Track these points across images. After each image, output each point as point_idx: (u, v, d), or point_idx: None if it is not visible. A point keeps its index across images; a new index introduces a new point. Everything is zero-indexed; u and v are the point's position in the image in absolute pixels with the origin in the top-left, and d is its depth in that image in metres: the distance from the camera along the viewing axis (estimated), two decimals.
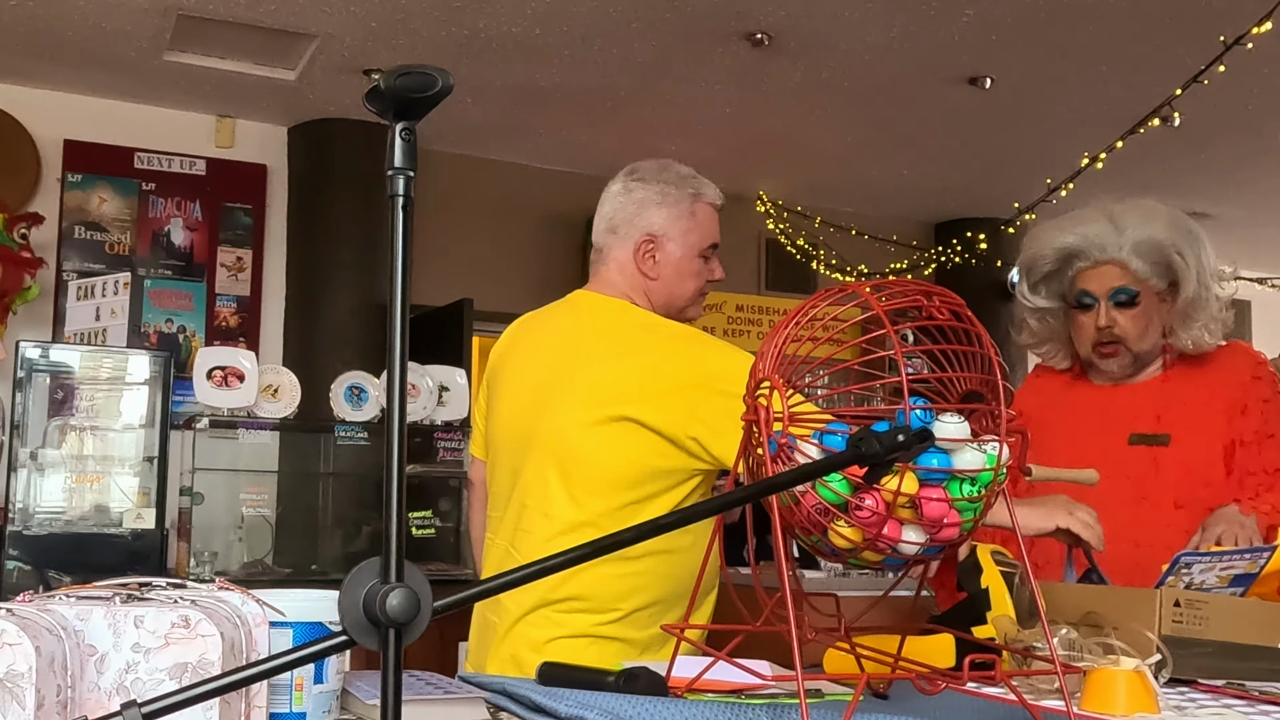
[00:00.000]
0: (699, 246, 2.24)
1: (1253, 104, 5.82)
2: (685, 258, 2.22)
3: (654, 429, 2.02)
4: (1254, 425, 2.14)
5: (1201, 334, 2.20)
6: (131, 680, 1.19)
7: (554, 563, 1.02)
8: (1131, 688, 1.32)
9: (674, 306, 2.22)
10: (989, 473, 1.27)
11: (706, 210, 2.26)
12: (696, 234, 2.23)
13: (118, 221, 6.03)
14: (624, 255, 2.25)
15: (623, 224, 2.27)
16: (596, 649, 2.03)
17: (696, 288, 2.25)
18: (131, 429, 4.53)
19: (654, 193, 2.26)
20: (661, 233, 2.22)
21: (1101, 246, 2.24)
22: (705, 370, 2.03)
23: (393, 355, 0.90)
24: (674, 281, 2.22)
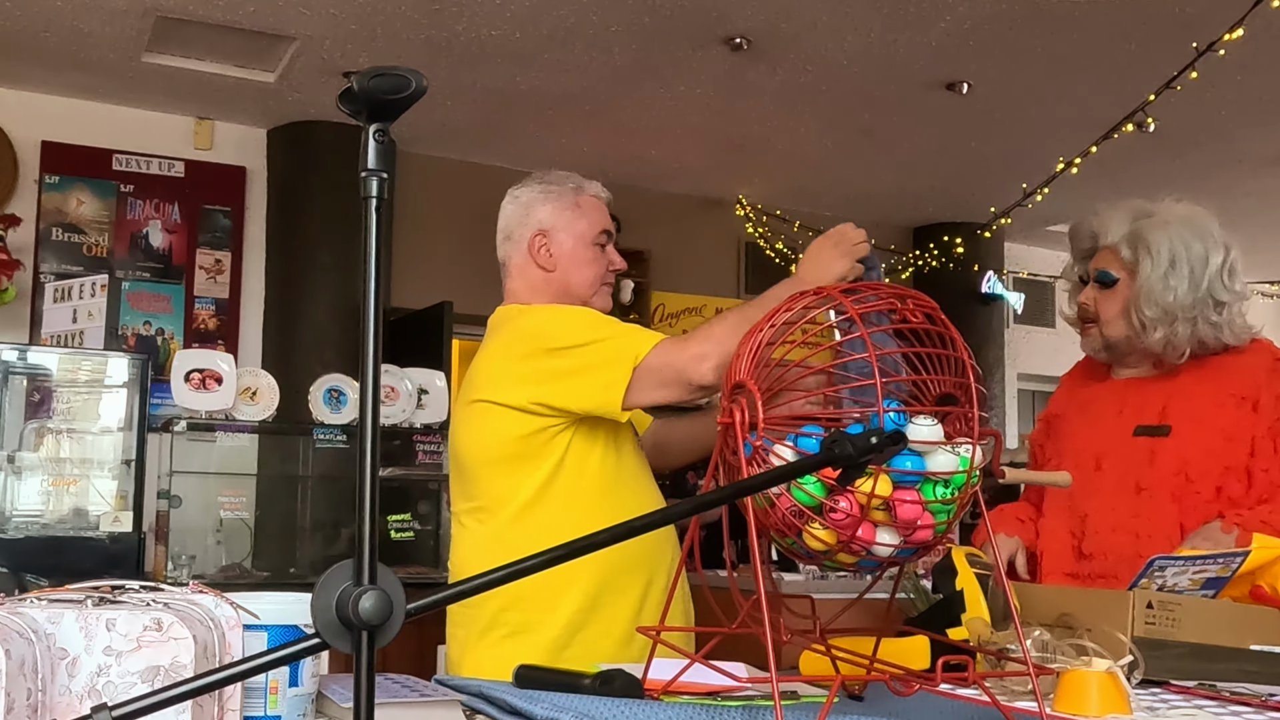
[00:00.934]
0: (589, 234, 2.32)
1: (1225, 109, 5.86)
2: (577, 246, 2.30)
3: (502, 403, 2.15)
4: (1267, 422, 2.14)
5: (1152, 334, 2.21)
6: (103, 683, 1.19)
7: (529, 564, 1.02)
8: (1104, 689, 1.33)
9: (576, 296, 2.30)
10: (962, 475, 1.27)
11: (591, 200, 2.35)
12: (584, 222, 2.32)
13: (95, 223, 6.00)
14: (520, 258, 2.35)
15: (515, 228, 2.36)
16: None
17: (595, 274, 2.31)
18: (109, 432, 4.52)
19: (537, 192, 2.37)
20: (550, 225, 2.31)
21: (1109, 231, 2.30)
22: (535, 336, 2.18)
23: (365, 356, 0.90)
24: (570, 270, 2.30)
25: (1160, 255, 2.20)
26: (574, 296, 2.30)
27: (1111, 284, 2.26)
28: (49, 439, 4.46)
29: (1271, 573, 1.77)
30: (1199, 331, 2.20)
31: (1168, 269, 2.19)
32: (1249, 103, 5.78)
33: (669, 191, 7.36)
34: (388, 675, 1.73)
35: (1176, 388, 2.23)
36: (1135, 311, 2.21)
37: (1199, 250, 2.21)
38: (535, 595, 2.11)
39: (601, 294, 2.33)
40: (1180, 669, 1.60)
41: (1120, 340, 2.27)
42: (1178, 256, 2.20)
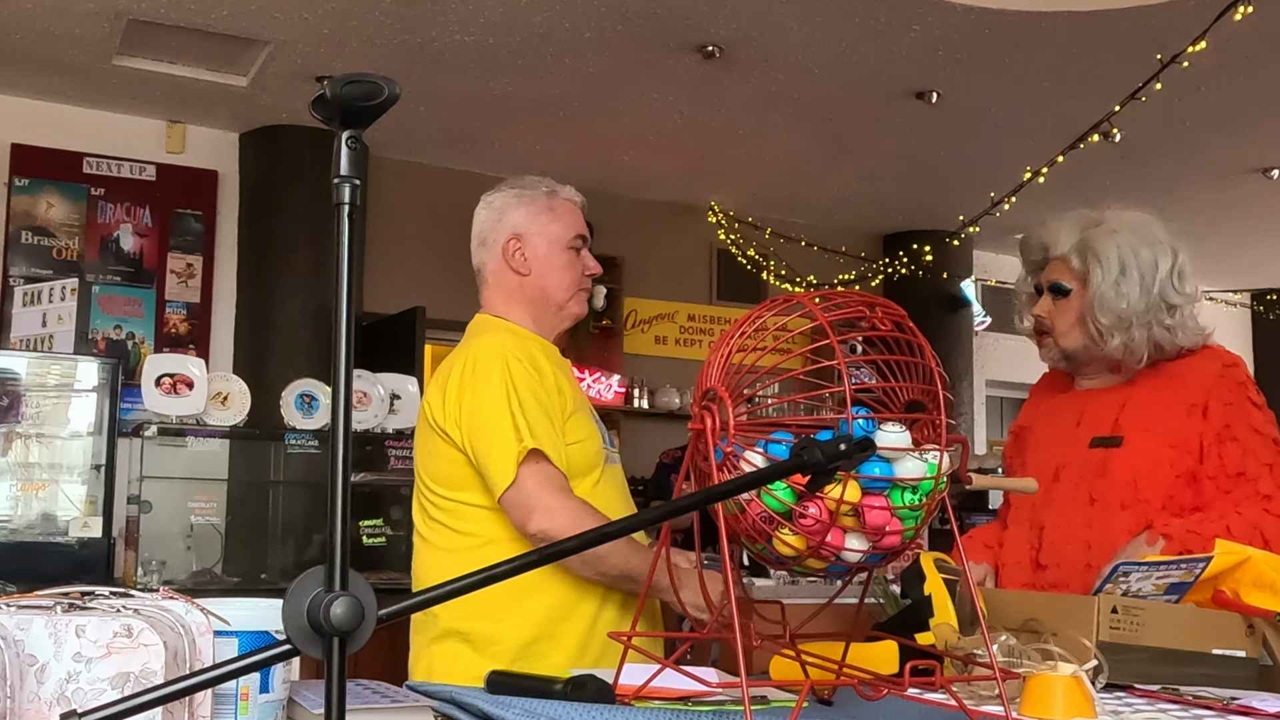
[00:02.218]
0: (564, 238, 2.28)
1: (1189, 120, 5.93)
2: (552, 249, 2.27)
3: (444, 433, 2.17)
4: (1215, 427, 2.15)
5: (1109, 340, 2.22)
6: (73, 690, 1.18)
7: (497, 572, 1.03)
8: (1069, 693, 1.34)
9: (552, 300, 2.27)
10: (930, 481, 1.29)
11: (564, 204, 2.31)
12: (558, 225, 2.28)
13: (66, 226, 5.96)
14: (495, 263, 2.31)
15: (489, 233, 2.32)
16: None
17: (571, 279, 2.28)
18: (79, 436, 4.49)
19: (511, 197, 2.33)
20: (524, 230, 2.28)
21: (1058, 242, 2.31)
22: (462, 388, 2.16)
23: (337, 361, 0.91)
24: (545, 274, 2.26)
25: (1110, 264, 2.21)
26: (550, 302, 2.27)
27: (1065, 294, 2.27)
28: (18, 444, 4.43)
29: (1234, 578, 1.79)
30: (1154, 335, 2.21)
31: (1119, 276, 2.20)
32: (1212, 113, 5.85)
33: (641, 198, 7.38)
34: (359, 681, 1.72)
35: (1130, 398, 2.25)
36: (1091, 321, 2.23)
37: (1148, 256, 2.22)
38: (493, 605, 2.10)
39: (578, 299, 2.30)
40: (1144, 673, 1.62)
41: (1078, 350, 2.28)
42: (1127, 264, 2.21)
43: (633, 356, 7.45)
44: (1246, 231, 7.88)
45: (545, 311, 2.28)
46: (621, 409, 7.27)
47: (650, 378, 7.45)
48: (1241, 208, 7.39)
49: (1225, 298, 9.15)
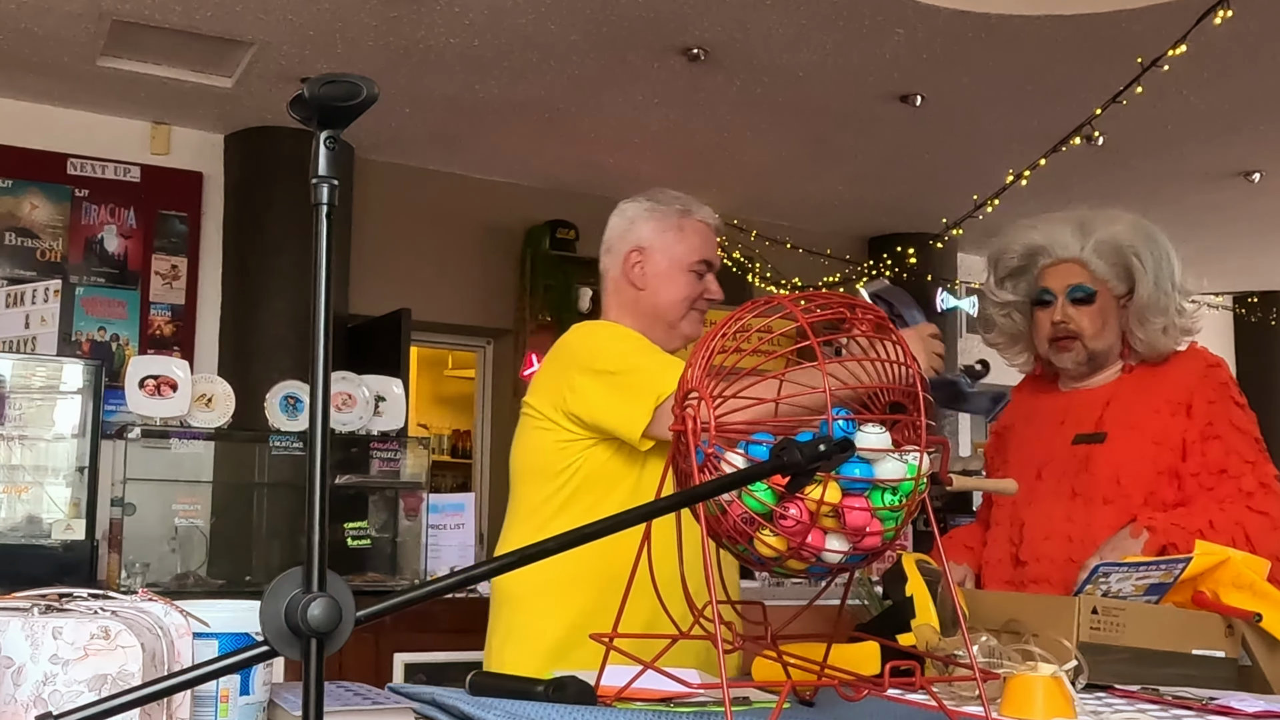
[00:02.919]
0: (687, 259, 2.28)
1: (1170, 123, 5.96)
2: (672, 268, 2.27)
3: (537, 411, 2.21)
4: (1199, 426, 2.18)
5: (1157, 337, 2.26)
6: (49, 692, 1.18)
7: (480, 571, 1.03)
8: (1049, 693, 1.35)
9: (664, 318, 2.27)
10: (910, 482, 1.29)
11: (696, 225, 2.31)
12: (683, 246, 2.28)
13: (49, 228, 5.94)
14: (616, 271, 2.34)
15: (615, 241, 2.35)
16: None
17: (685, 298, 2.27)
18: (62, 438, 4.46)
19: (643, 209, 2.34)
20: (649, 244, 2.29)
21: (1064, 244, 2.32)
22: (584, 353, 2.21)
23: (316, 362, 0.90)
24: (660, 291, 2.26)
25: (1147, 264, 2.25)
26: (661, 318, 2.27)
27: (1090, 297, 2.28)
28: (1, 445, 4.41)
29: (1213, 579, 1.80)
30: (1169, 330, 2.26)
31: (1157, 275, 2.25)
32: (1193, 116, 5.88)
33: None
34: (341, 683, 1.72)
35: (1115, 396, 2.28)
36: (1141, 323, 2.25)
37: (1165, 249, 2.28)
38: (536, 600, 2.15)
39: (690, 319, 2.29)
40: (1124, 673, 1.63)
41: (1104, 351, 2.30)
42: (1161, 263, 2.26)
43: None
44: (1228, 235, 7.92)
45: (655, 327, 2.26)
46: None
47: None
48: (1223, 211, 7.42)
49: (1208, 300, 9.18)
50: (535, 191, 7.14)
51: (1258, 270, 8.80)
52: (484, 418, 7.41)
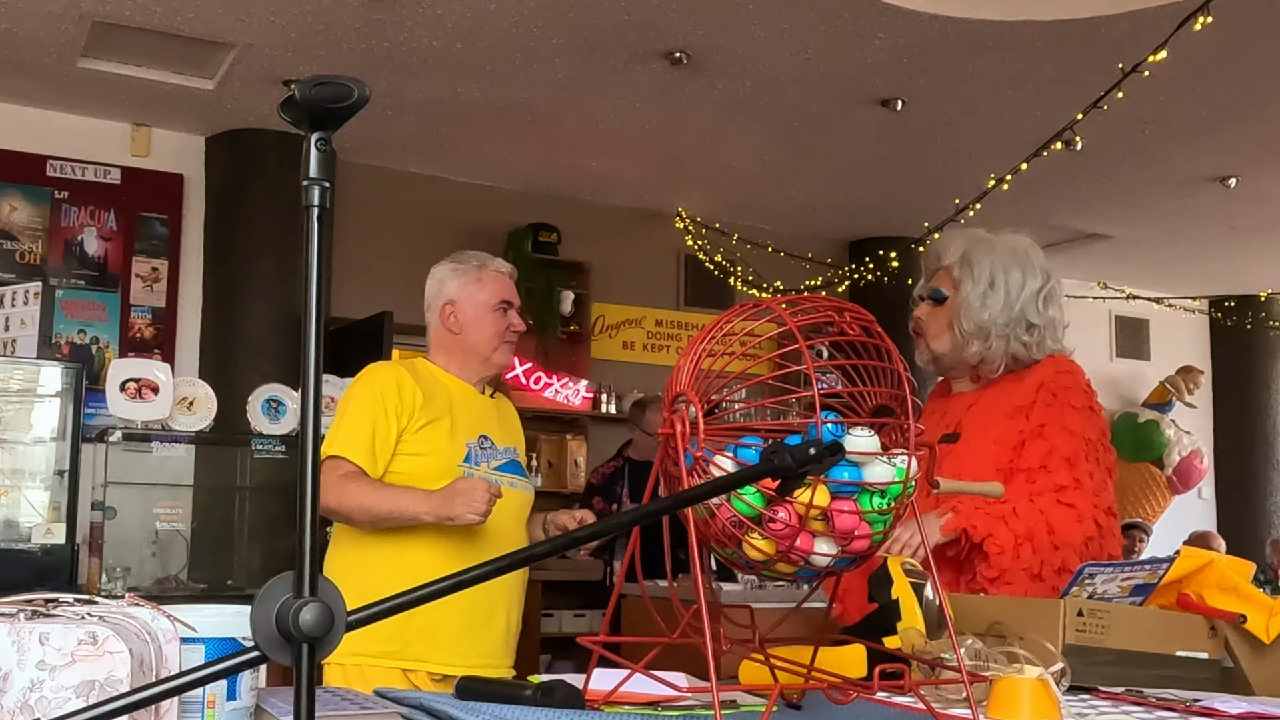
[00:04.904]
0: (489, 303, 2.79)
1: (1150, 129, 5.99)
2: (478, 313, 2.78)
3: None
4: (1032, 426, 2.34)
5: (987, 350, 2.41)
6: (36, 699, 1.17)
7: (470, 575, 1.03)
8: (1035, 696, 1.35)
9: (479, 354, 2.79)
10: (898, 485, 1.30)
11: (492, 275, 2.83)
12: (484, 293, 2.79)
13: (29, 230, 5.90)
14: (437, 323, 2.84)
15: (432, 300, 2.86)
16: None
17: (494, 333, 2.78)
18: (42, 442, 4.44)
19: (449, 270, 2.87)
20: (457, 297, 2.80)
21: (945, 253, 2.53)
22: None
23: (307, 366, 0.90)
24: (472, 332, 2.78)
25: (981, 277, 2.42)
26: (477, 354, 2.79)
27: (941, 301, 2.48)
28: None
29: (1197, 581, 1.81)
30: (1012, 348, 2.42)
31: (986, 289, 2.41)
32: (1172, 122, 5.91)
33: (609, 203, 7.38)
34: (327, 688, 1.72)
35: (978, 400, 2.46)
36: (956, 326, 2.43)
37: (1017, 276, 2.42)
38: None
39: (501, 350, 2.80)
40: (1108, 675, 1.64)
41: (944, 354, 2.49)
42: (996, 279, 2.42)
43: (600, 362, 7.45)
44: (1205, 239, 7.97)
45: (472, 361, 2.79)
46: (589, 414, 7.27)
47: (618, 383, 7.45)
48: (1200, 216, 7.47)
49: (1184, 305, 9.24)
50: (517, 194, 7.13)
51: (1234, 274, 8.85)
52: None
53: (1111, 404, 9.55)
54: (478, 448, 2.72)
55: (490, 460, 2.73)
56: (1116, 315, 9.49)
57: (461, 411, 2.72)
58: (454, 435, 2.68)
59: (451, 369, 2.79)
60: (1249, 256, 8.37)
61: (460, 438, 2.69)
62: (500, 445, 2.77)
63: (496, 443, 2.76)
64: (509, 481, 2.73)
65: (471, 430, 2.72)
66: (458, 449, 2.68)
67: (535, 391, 7.06)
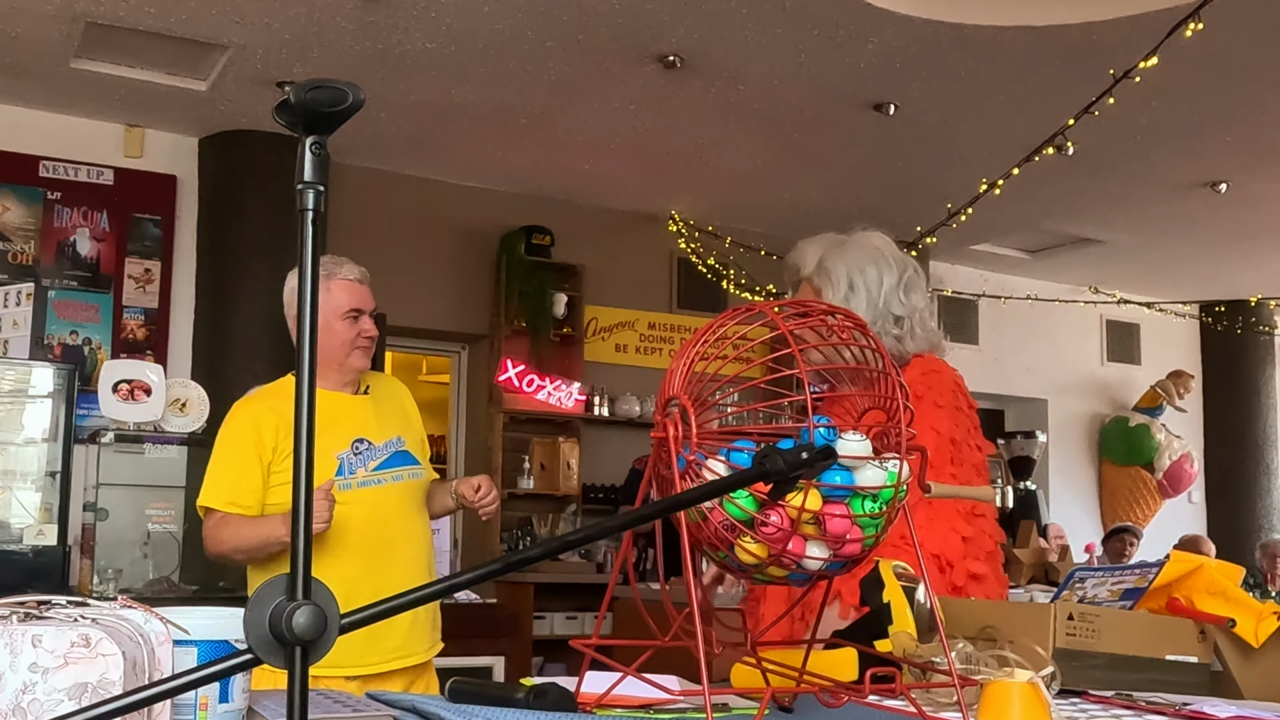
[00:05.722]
0: (338, 312, 2.85)
1: (1141, 134, 6.01)
2: (327, 322, 2.82)
3: None
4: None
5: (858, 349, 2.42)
6: (29, 701, 1.17)
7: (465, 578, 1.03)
8: (1026, 700, 1.36)
9: (333, 360, 2.85)
10: (890, 489, 1.30)
11: (340, 283, 2.88)
12: (332, 303, 2.85)
13: (21, 231, 5.89)
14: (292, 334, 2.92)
15: (286, 309, 2.98)
16: None
17: (345, 341, 2.85)
18: (33, 443, 4.43)
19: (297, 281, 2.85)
20: None
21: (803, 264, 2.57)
22: None
23: (301, 369, 0.90)
24: (324, 340, 2.81)
25: (840, 281, 2.43)
26: (332, 361, 2.85)
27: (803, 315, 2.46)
28: None
29: (1187, 585, 1.82)
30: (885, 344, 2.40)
31: (847, 292, 2.41)
32: (1163, 127, 5.94)
33: (602, 206, 7.39)
34: (318, 690, 1.72)
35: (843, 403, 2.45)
36: None
37: (873, 273, 2.44)
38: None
39: (355, 355, 2.87)
40: (1098, 679, 1.65)
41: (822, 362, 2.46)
42: (855, 280, 2.43)
43: (593, 364, 7.45)
44: (1195, 244, 8.00)
45: (329, 368, 2.85)
46: (582, 417, 7.27)
47: (611, 386, 7.46)
48: (1190, 220, 7.49)
49: (1174, 309, 9.27)
50: (511, 197, 7.14)
51: (1224, 279, 8.88)
52: (458, 423, 7.40)
53: (1102, 408, 9.58)
54: (350, 454, 2.82)
55: (369, 461, 2.82)
56: (1108, 320, 9.52)
57: (330, 422, 2.81)
58: (323, 451, 2.76)
59: None
60: (1239, 261, 8.40)
61: (330, 450, 2.79)
62: (380, 441, 2.87)
63: (374, 440, 2.86)
64: (393, 475, 2.86)
65: (344, 439, 2.82)
66: (328, 465, 2.77)
67: (528, 394, 7.07)
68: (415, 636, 2.87)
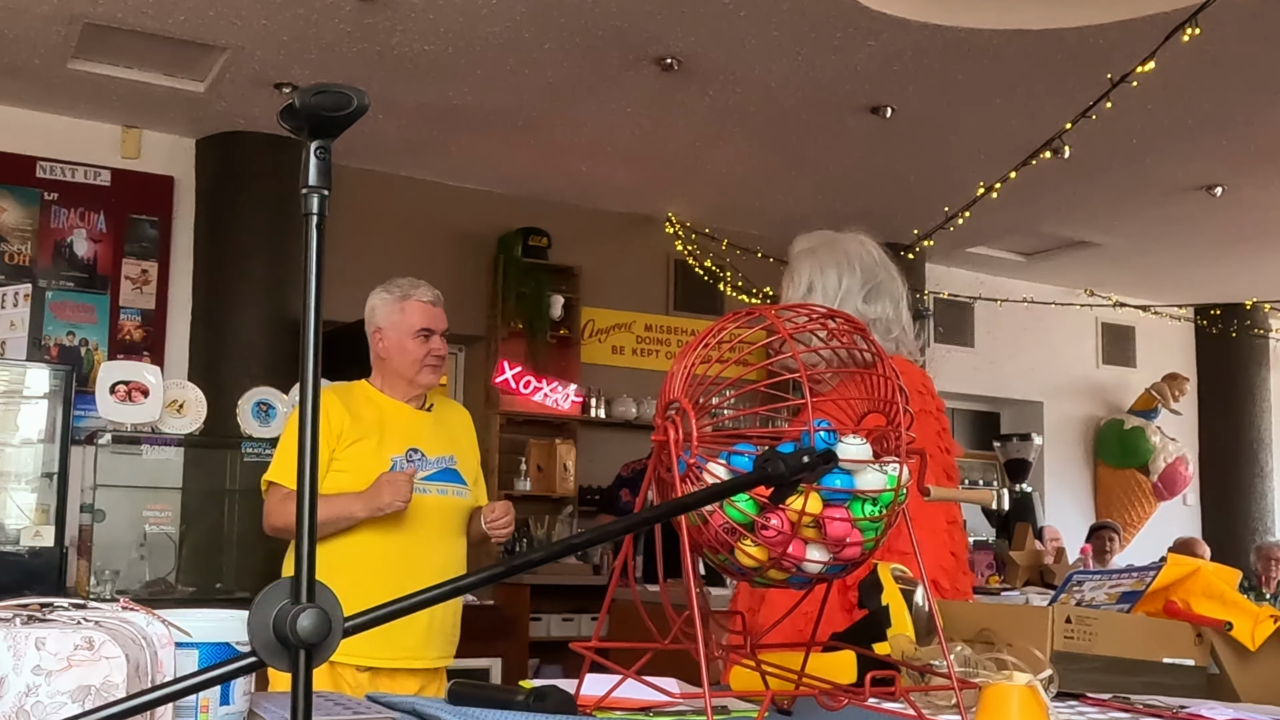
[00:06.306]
0: (410, 331, 3.01)
1: (1137, 138, 6.02)
2: (400, 340, 3.01)
3: None
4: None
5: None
6: (32, 704, 1.17)
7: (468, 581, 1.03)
8: (1024, 702, 1.36)
9: (404, 376, 3.03)
10: (890, 493, 1.31)
11: (415, 305, 3.04)
12: (405, 322, 3.02)
13: (18, 231, 5.89)
14: (371, 348, 3.10)
15: (367, 325, 3.11)
16: None
17: (415, 359, 3.00)
18: (30, 444, 4.43)
19: (378, 299, 3.10)
20: (383, 325, 3.05)
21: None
22: None
23: (305, 373, 0.91)
24: (396, 357, 3.02)
25: (800, 282, 2.44)
26: (402, 376, 3.02)
27: None
28: None
29: (1184, 588, 1.83)
30: None
31: (805, 293, 2.42)
32: (1159, 132, 5.95)
33: (599, 208, 7.39)
34: (319, 692, 1.72)
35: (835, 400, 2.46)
36: None
37: (833, 276, 2.43)
38: None
39: (424, 373, 3.02)
40: (1096, 681, 1.65)
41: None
42: (814, 282, 2.43)
43: (590, 366, 7.46)
44: (1190, 247, 8.02)
45: (399, 382, 3.03)
46: (579, 418, 7.27)
47: (607, 387, 7.46)
48: (1186, 224, 7.51)
49: (1170, 312, 9.29)
50: (508, 199, 7.14)
51: (1220, 282, 8.90)
52: None
53: (1097, 410, 9.59)
54: (404, 461, 2.96)
55: (420, 471, 2.95)
56: (1103, 322, 9.53)
57: (391, 428, 2.97)
58: (380, 451, 2.93)
59: (384, 389, 3.06)
60: (1235, 265, 8.42)
61: (387, 452, 2.94)
62: (432, 456, 3.00)
63: (427, 454, 3.00)
64: (438, 489, 2.98)
65: (400, 445, 2.96)
66: (383, 463, 2.91)
67: (525, 395, 7.07)
68: (432, 641, 2.94)
